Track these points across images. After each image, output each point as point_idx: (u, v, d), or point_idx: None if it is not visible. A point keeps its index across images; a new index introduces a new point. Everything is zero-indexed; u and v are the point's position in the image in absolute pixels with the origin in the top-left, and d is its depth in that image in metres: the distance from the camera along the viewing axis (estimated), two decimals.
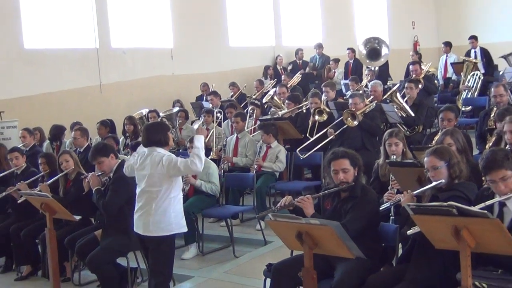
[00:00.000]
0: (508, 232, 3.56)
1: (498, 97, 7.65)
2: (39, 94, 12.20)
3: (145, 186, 5.35)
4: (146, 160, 5.37)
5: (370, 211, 4.83)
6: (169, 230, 5.32)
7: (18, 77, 11.99)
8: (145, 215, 5.31)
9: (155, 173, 5.27)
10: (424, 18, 20.60)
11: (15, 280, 7.22)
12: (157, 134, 5.45)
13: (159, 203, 5.28)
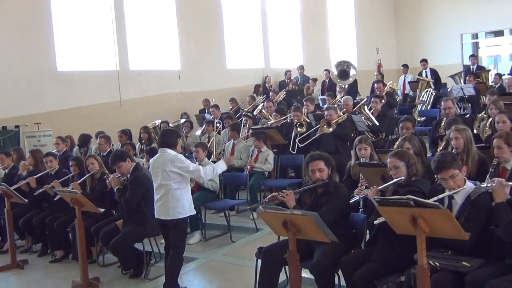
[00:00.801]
0: (456, 220, 3.59)
1: (447, 109, 7.67)
2: (69, 108, 12.19)
3: (161, 181, 5.40)
4: (159, 159, 5.45)
5: (342, 203, 4.84)
6: (183, 214, 5.45)
7: (52, 94, 11.98)
8: (165, 203, 5.40)
9: (167, 170, 5.34)
10: (386, 45, 20.63)
11: (50, 262, 7.22)
12: (169, 137, 5.57)
13: (173, 193, 5.37)
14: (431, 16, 20.26)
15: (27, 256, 7.55)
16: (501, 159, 4.90)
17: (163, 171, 5.37)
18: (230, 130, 9.40)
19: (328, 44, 19.03)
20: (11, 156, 8.63)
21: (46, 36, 12.04)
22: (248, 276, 5.38)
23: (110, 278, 6.43)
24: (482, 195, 3.99)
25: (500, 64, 20.07)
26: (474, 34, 20.43)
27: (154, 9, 14.34)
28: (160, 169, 5.40)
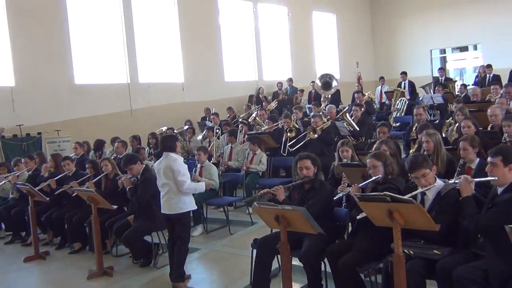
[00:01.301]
0: (427, 214, 3.60)
1: (418, 116, 7.69)
2: (85, 117, 12.20)
3: (164, 180, 5.42)
4: (163, 162, 5.47)
5: (326, 199, 4.83)
6: (185, 208, 5.47)
7: (70, 105, 12.01)
8: (168, 200, 5.43)
9: (168, 172, 5.38)
10: (364, 59, 20.69)
11: (69, 253, 7.19)
12: (168, 142, 5.60)
13: (176, 190, 5.39)
14: (404, 34, 20.34)
15: (49, 248, 7.50)
16: (467, 159, 4.93)
17: (166, 171, 5.39)
18: (228, 135, 9.41)
19: (313, 59, 19.06)
20: (34, 160, 8.63)
21: (65, 53, 12.10)
22: (245, 264, 5.38)
23: (122, 267, 6.42)
24: (451, 191, 4.00)
25: (465, 76, 20.17)
26: (442, 49, 20.52)
27: (160, 29, 14.40)
28: (164, 169, 5.42)
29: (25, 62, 11.37)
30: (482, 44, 18.97)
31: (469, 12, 18.34)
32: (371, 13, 21.45)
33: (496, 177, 3.77)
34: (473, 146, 4.96)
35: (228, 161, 8.82)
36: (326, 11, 19.60)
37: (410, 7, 19.92)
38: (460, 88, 13.21)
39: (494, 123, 6.61)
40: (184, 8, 14.65)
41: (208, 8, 15.44)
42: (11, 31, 11.22)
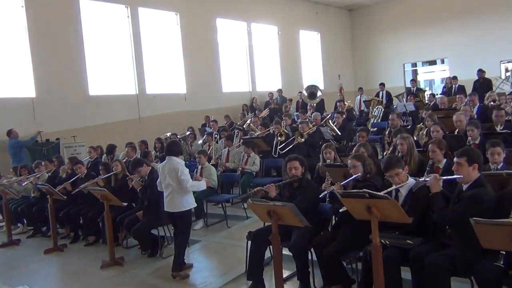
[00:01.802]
0: (401, 208, 3.60)
1: (393, 122, 7.71)
2: (99, 124, 12.17)
3: (168, 181, 5.40)
4: (166, 165, 5.45)
5: (312, 195, 4.82)
6: (187, 206, 5.48)
7: (85, 113, 11.99)
8: (172, 199, 5.42)
9: (172, 173, 5.36)
10: (345, 72, 20.69)
11: (84, 246, 7.19)
12: (175, 147, 5.59)
13: (179, 191, 5.39)
14: (380, 50, 20.40)
15: (66, 241, 7.48)
16: (435, 160, 4.95)
17: (171, 173, 5.37)
18: (225, 140, 9.39)
19: (300, 72, 19.07)
20: (53, 162, 8.63)
21: (80, 67, 12.10)
22: (241, 254, 5.36)
23: (132, 257, 6.39)
24: (421, 188, 4.01)
25: (434, 86, 20.19)
26: (414, 63, 20.56)
27: (165, 45, 14.40)
28: (168, 172, 5.40)
29: (44, 75, 11.34)
30: (449, 58, 19.05)
31: (437, 30, 18.43)
32: (351, 31, 21.50)
33: (461, 175, 3.79)
34: (441, 148, 4.98)
35: (225, 163, 8.81)
36: (311, 30, 19.64)
37: (385, 26, 19.99)
38: (429, 97, 13.22)
39: (460, 128, 6.64)
40: (186, 27, 14.66)
41: (208, 27, 15.44)
42: (32, 48, 11.20)
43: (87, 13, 12.32)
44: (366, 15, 20.72)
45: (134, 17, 13.34)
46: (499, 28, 16.90)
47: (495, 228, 2.96)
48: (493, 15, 17.01)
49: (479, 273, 3.38)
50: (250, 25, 16.91)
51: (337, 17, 20.84)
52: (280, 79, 17.98)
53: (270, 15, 17.49)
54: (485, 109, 8.40)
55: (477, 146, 5.52)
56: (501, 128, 6.32)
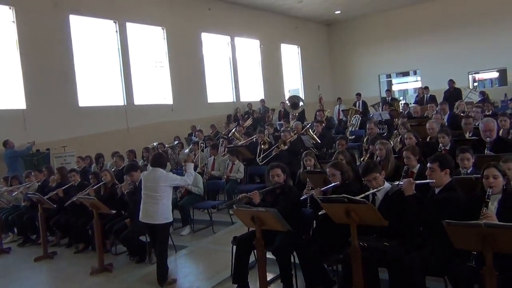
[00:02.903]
0: (378, 212, 3.61)
1: (370, 130, 7.76)
2: (88, 134, 12.04)
3: (152, 192, 5.24)
4: (151, 175, 5.31)
5: (294, 201, 4.80)
6: (169, 219, 5.30)
7: (75, 124, 11.88)
8: (154, 211, 5.22)
9: (157, 185, 5.20)
10: (324, 83, 20.91)
11: (74, 253, 7.06)
12: (161, 159, 5.48)
13: (162, 203, 5.22)
14: (357, 62, 20.65)
15: (56, 248, 7.34)
16: (410, 165, 4.99)
17: (155, 185, 5.19)
18: (211, 148, 9.35)
19: (282, 83, 19.19)
20: (43, 172, 8.47)
21: (70, 80, 12.02)
22: (226, 258, 5.31)
23: (121, 263, 6.29)
24: (397, 192, 4.02)
25: (407, 96, 20.49)
26: (388, 74, 20.88)
27: (152, 58, 14.38)
28: (152, 183, 5.22)
29: (35, 88, 11.22)
30: (421, 70, 19.38)
31: (410, 44, 18.77)
32: (329, 45, 21.73)
33: (434, 180, 3.84)
34: (414, 155, 5.02)
35: (211, 171, 8.76)
36: (291, 44, 19.81)
37: (362, 40, 20.26)
38: (403, 106, 13.42)
39: (432, 135, 6.71)
40: (172, 41, 14.67)
41: (193, 41, 15.47)
42: (22, 62, 11.09)
43: (76, 27, 12.27)
44: (344, 29, 20.97)
45: (122, 32, 13.29)
46: (467, 42, 17.29)
47: (466, 229, 2.99)
48: (461, 30, 17.40)
49: (452, 272, 3.41)
50: (234, 39, 16.99)
51: (316, 31, 21.05)
52: (262, 90, 18.05)
53: (252, 29, 17.59)
54: (455, 117, 8.53)
55: (448, 152, 5.59)
56: (469, 135, 6.42)
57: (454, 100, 11.41)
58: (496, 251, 2.90)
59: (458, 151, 4.75)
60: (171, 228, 7.16)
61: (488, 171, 3.58)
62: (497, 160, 3.96)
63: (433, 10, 18.10)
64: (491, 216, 3.30)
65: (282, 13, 18.64)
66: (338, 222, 3.78)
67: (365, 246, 3.82)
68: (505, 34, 16.45)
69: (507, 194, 3.55)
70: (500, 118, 6.27)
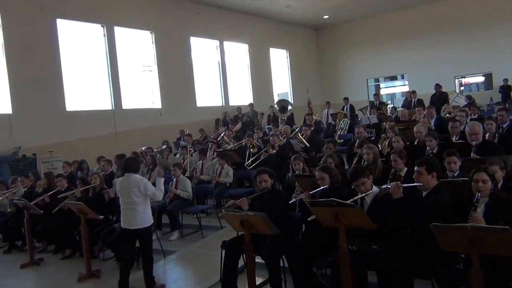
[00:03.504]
0: (366, 215, 3.64)
1: (359, 133, 7.82)
2: (75, 139, 11.93)
3: (128, 198, 5.13)
4: (124, 182, 5.20)
5: (283, 205, 4.81)
6: (147, 223, 5.20)
7: (62, 129, 11.78)
8: (132, 216, 5.13)
9: (130, 190, 5.10)
10: (313, 87, 20.96)
11: (61, 259, 6.97)
12: (131, 163, 5.33)
13: (139, 207, 5.12)
14: (345, 66, 20.79)
15: (43, 255, 7.25)
16: (397, 168, 5.04)
17: (130, 190, 5.09)
18: (199, 153, 9.33)
19: (271, 87, 19.24)
20: (29, 178, 8.38)
21: (57, 84, 11.92)
22: (215, 263, 5.28)
23: (108, 269, 6.23)
24: (386, 195, 4.06)
25: (395, 100, 20.69)
26: (376, 78, 21.04)
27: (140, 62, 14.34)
28: (128, 189, 5.12)
29: (21, 92, 11.10)
30: (408, 74, 19.58)
31: (397, 48, 18.95)
32: (317, 49, 21.85)
33: (421, 183, 3.87)
34: (402, 158, 5.08)
35: (200, 175, 8.72)
36: (280, 48, 19.88)
37: (350, 44, 20.41)
38: (391, 110, 13.50)
39: (419, 139, 6.77)
40: (161, 45, 14.64)
41: (182, 45, 15.45)
42: (9, 65, 10.97)
43: (64, 31, 12.18)
44: (332, 33, 21.11)
45: (110, 36, 13.23)
46: (453, 46, 17.53)
47: (453, 232, 3.02)
48: (448, 35, 17.62)
49: (439, 275, 3.44)
50: (222, 43, 17.01)
51: (304, 35, 21.15)
52: (251, 94, 18.08)
53: (241, 33, 17.63)
54: (442, 121, 8.61)
55: (435, 155, 5.64)
56: (456, 139, 6.47)
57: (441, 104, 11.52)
58: (482, 253, 2.94)
59: (445, 154, 4.80)
60: (160, 233, 7.23)
61: (477, 175, 3.62)
62: (483, 163, 4.01)
63: (420, 16, 18.31)
64: (480, 219, 3.33)
65: (271, 18, 18.72)
66: (327, 225, 3.80)
67: (354, 249, 3.83)
68: (491, 39, 16.70)
69: (494, 198, 3.59)
70: (486, 122, 6.33)
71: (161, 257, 6.38)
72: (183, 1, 15.36)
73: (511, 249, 2.89)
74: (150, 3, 14.42)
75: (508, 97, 15.63)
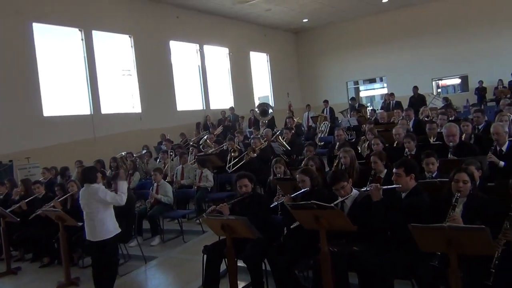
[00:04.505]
0: (346, 217, 3.67)
1: (339, 136, 7.88)
2: (53, 145, 11.72)
3: (88, 209, 5.02)
4: (85, 193, 5.08)
5: (263, 209, 4.81)
6: (108, 235, 5.05)
7: (40, 134, 11.55)
8: (92, 227, 5.01)
9: (88, 201, 5.00)
10: (293, 90, 21.05)
11: (39, 268, 6.81)
12: (88, 174, 5.14)
13: (99, 218, 4.99)
14: (325, 69, 20.94)
15: (20, 263, 7.08)
16: (377, 170, 5.09)
17: (90, 201, 4.99)
18: (180, 157, 9.27)
19: (252, 90, 19.27)
20: (5, 185, 8.17)
21: (34, 89, 11.71)
22: (197, 268, 5.22)
23: (88, 277, 6.04)
24: (365, 198, 4.10)
25: (374, 103, 20.94)
26: (355, 81, 21.28)
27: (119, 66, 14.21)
28: (87, 200, 5.02)
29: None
30: (387, 77, 19.85)
31: (376, 51, 19.20)
32: (297, 52, 21.98)
33: (400, 185, 3.92)
34: (382, 160, 5.13)
35: (180, 180, 8.65)
36: (260, 51, 19.95)
37: (329, 47, 20.58)
38: (370, 112, 13.67)
39: (398, 140, 6.87)
40: (140, 49, 14.53)
41: (161, 49, 15.37)
42: None
43: (40, 35, 11.98)
44: (311, 37, 21.26)
45: (88, 40, 13.07)
46: (430, 49, 17.88)
47: (431, 232, 3.07)
48: (425, 38, 17.97)
49: (418, 275, 3.49)
50: (202, 47, 16.98)
51: (284, 39, 21.27)
52: (232, 97, 18.07)
53: (221, 37, 17.62)
54: (420, 123, 8.75)
55: (413, 157, 5.73)
56: (434, 140, 6.59)
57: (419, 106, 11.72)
58: (460, 252, 2.99)
59: (423, 155, 4.87)
60: (140, 239, 7.14)
61: (458, 175, 3.67)
62: (460, 164, 4.08)
63: (398, 19, 18.60)
64: (458, 218, 3.37)
65: (251, 21, 18.76)
66: (308, 228, 3.82)
67: (335, 251, 3.86)
68: (466, 42, 17.08)
69: (472, 198, 3.66)
70: (463, 123, 6.46)
71: (142, 263, 6.32)
72: (162, 5, 15.29)
73: (487, 248, 2.96)
74: (129, 7, 14.31)
75: (483, 98, 15.99)
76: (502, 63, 16.04)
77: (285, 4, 16.90)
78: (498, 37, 16.56)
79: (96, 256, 5.20)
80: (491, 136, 5.56)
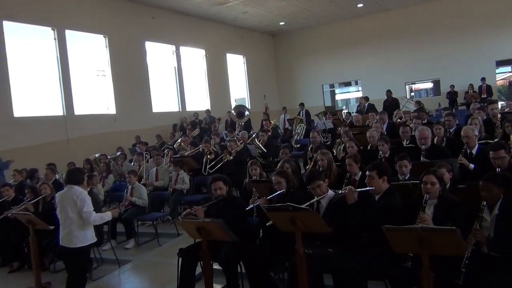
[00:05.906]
0: (322, 219, 3.70)
1: (314, 138, 7.92)
2: (25, 146, 11.40)
3: (67, 213, 4.73)
4: (66, 195, 4.79)
5: (239, 211, 4.81)
6: (86, 242, 4.83)
7: (11, 135, 11.23)
8: (69, 233, 4.75)
9: (70, 204, 4.72)
10: (270, 93, 21.16)
11: (8, 273, 6.62)
12: (74, 175, 4.90)
13: (79, 224, 4.74)
14: (301, 72, 21.09)
15: None
16: (352, 173, 5.16)
17: (71, 204, 4.70)
18: (154, 159, 9.18)
19: (228, 92, 19.23)
20: None
21: (4, 89, 11.34)
22: (172, 271, 5.18)
23: (60, 281, 5.94)
24: (340, 199, 4.15)
25: (350, 105, 21.19)
26: (331, 84, 21.49)
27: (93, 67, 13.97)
28: (67, 203, 4.72)
29: None
30: (362, 80, 20.14)
31: (351, 55, 19.46)
32: (274, 55, 22.07)
33: (373, 187, 3.98)
34: (356, 162, 5.20)
35: (154, 182, 8.55)
36: (236, 53, 19.94)
37: (306, 50, 20.73)
38: (345, 116, 13.82)
39: (372, 143, 6.96)
40: (115, 49, 14.31)
41: (136, 50, 15.18)
42: None
43: (11, 34, 11.65)
44: (288, 40, 21.38)
45: (61, 39, 12.79)
46: (404, 53, 18.25)
47: (404, 234, 3.13)
48: (399, 42, 18.33)
49: (391, 275, 3.55)
50: (179, 48, 16.87)
51: (261, 41, 21.32)
52: (208, 99, 18.00)
53: (197, 38, 17.54)
54: (393, 126, 8.90)
55: (387, 159, 5.82)
56: (407, 143, 6.71)
57: (392, 109, 11.91)
58: (432, 253, 3.05)
59: (396, 158, 4.96)
60: (114, 242, 7.03)
61: (427, 177, 3.77)
62: (432, 166, 4.17)
63: (373, 24, 18.89)
64: (427, 219, 3.46)
65: (227, 23, 18.75)
66: (283, 230, 3.82)
67: (310, 253, 3.88)
68: (438, 47, 17.49)
69: (442, 200, 3.75)
70: (435, 127, 6.59)
71: (115, 267, 6.22)
72: (138, 5, 15.11)
73: (458, 249, 3.03)
74: (103, 6, 14.09)
75: (454, 102, 16.40)
76: (472, 69, 16.50)
77: (262, 7, 16.96)
78: (468, 43, 17.03)
79: (68, 263, 5.04)
80: (462, 139, 5.69)
